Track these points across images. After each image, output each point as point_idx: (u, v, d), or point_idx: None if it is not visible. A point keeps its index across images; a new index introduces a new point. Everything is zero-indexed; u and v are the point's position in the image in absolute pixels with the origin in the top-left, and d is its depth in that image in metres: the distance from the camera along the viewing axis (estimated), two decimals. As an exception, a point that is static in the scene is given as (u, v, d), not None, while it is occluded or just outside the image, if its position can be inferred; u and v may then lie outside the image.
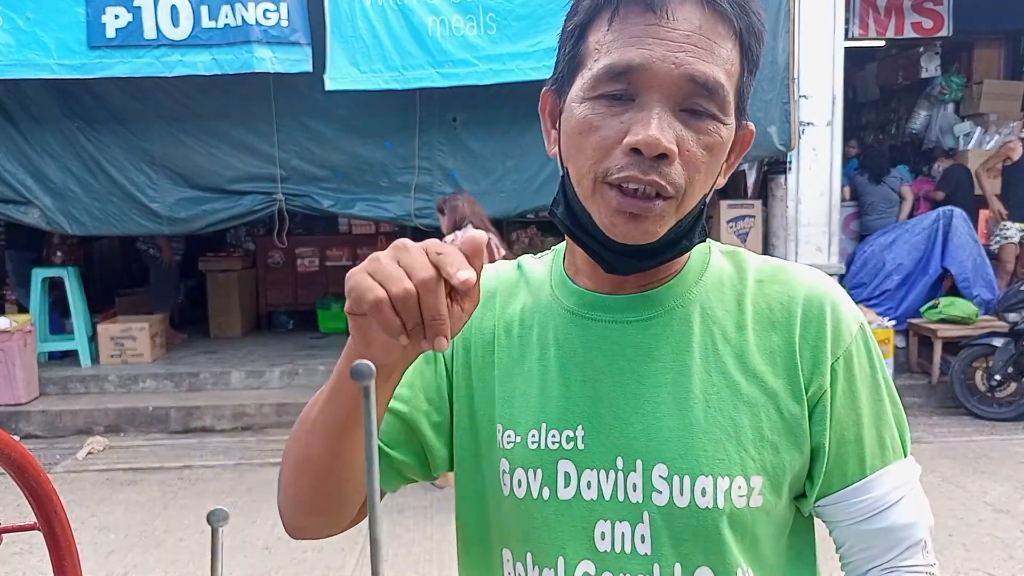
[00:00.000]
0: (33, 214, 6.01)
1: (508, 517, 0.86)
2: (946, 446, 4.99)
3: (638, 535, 0.81)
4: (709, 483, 0.79)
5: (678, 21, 0.73)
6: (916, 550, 0.85)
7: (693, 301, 0.84)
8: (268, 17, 5.31)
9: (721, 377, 0.82)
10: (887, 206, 7.60)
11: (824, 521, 0.88)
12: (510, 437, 0.85)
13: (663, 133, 0.72)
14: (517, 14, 5.43)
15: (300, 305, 8.36)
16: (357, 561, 3.57)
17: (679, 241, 0.80)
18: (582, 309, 0.86)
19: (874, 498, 0.83)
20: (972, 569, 3.38)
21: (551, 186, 5.99)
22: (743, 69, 0.77)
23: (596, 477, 0.82)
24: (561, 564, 0.83)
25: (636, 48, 0.73)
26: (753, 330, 0.83)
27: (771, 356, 0.82)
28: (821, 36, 6.10)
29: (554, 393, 0.85)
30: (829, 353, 0.81)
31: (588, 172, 0.77)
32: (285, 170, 5.99)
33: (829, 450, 0.82)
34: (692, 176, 0.75)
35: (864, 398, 0.83)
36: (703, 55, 0.73)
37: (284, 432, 5.61)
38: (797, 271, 0.87)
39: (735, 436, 0.80)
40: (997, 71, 8.79)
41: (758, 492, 0.80)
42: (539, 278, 0.92)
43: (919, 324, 6.15)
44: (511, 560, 0.87)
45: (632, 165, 0.73)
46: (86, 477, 4.79)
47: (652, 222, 0.76)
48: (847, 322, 0.83)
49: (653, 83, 0.73)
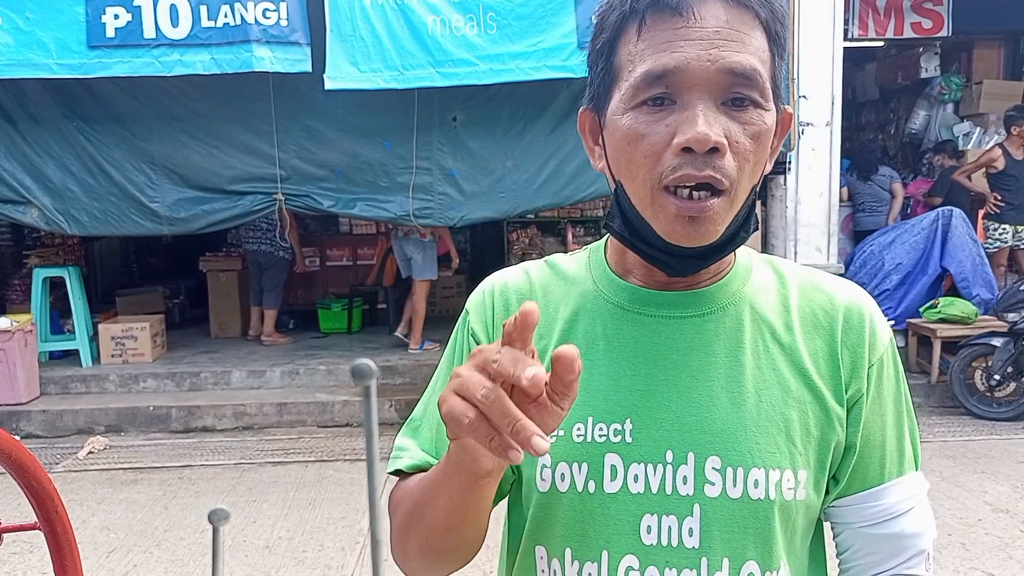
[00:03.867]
0: (32, 214, 6.01)
1: (546, 513, 0.86)
2: (945, 446, 5.00)
3: (686, 528, 0.81)
4: (762, 475, 0.81)
5: (705, 19, 0.75)
6: (919, 560, 0.87)
7: (743, 300, 0.87)
8: (267, 17, 5.31)
9: (772, 373, 0.84)
10: (877, 204, 7.63)
11: (832, 523, 0.90)
12: None
13: (711, 128, 0.74)
14: (517, 14, 5.43)
15: (300, 305, 8.36)
16: (358, 560, 3.57)
17: (737, 234, 0.82)
18: (633, 304, 0.87)
19: (887, 504, 0.85)
20: (972, 569, 3.38)
21: (551, 186, 6.00)
22: (773, 55, 0.79)
23: (643, 470, 0.82)
24: (605, 558, 0.83)
25: (670, 52, 0.75)
26: (800, 331, 0.86)
27: (816, 357, 0.85)
28: (821, 36, 6.10)
29: (601, 386, 0.85)
30: (867, 359, 0.85)
31: (644, 181, 0.78)
32: (285, 170, 5.99)
33: (858, 452, 0.85)
34: (742, 167, 0.77)
35: (889, 407, 0.87)
36: (735, 47, 0.75)
37: (284, 431, 5.62)
38: (833, 280, 0.91)
39: (785, 430, 0.82)
40: (997, 71, 8.80)
41: (803, 486, 0.82)
42: (577, 275, 0.93)
43: (918, 324, 6.16)
44: (545, 557, 0.87)
45: (685, 164, 0.75)
46: (87, 477, 4.79)
47: (711, 222, 0.77)
48: (881, 333, 0.87)
49: (692, 82, 0.75)
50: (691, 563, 0.81)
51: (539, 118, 5.89)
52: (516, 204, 6.13)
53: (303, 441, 5.41)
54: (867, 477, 0.86)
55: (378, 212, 6.19)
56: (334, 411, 5.78)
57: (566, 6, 5.40)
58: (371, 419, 0.44)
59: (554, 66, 5.41)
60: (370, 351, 6.93)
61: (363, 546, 3.70)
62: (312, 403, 5.80)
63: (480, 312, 0.94)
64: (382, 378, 6.19)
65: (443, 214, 6.12)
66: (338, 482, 4.58)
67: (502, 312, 0.92)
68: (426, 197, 6.05)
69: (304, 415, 5.77)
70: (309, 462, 4.96)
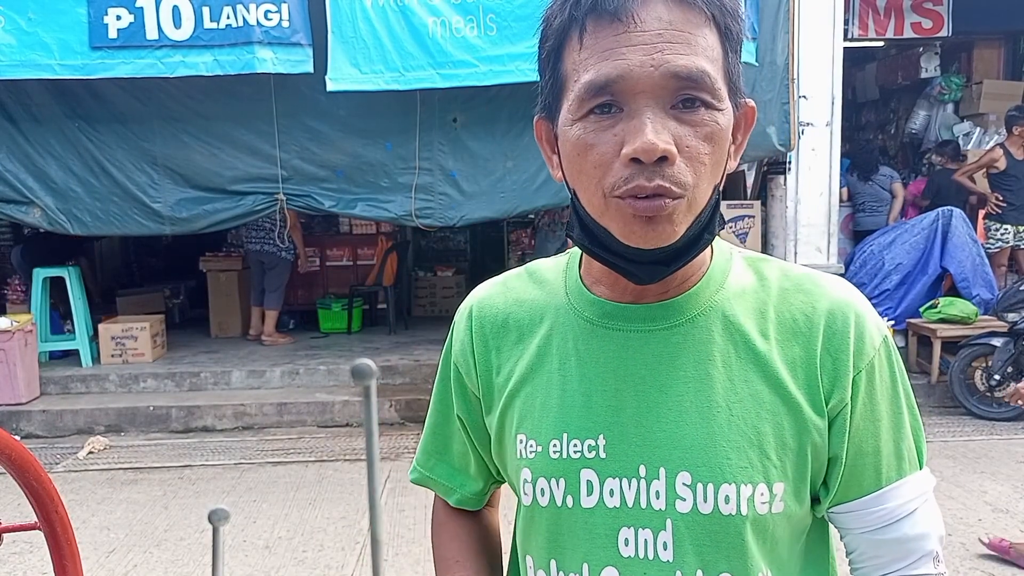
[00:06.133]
0: (35, 214, 6.02)
1: (531, 525, 0.88)
2: (945, 446, 5.00)
3: (660, 542, 0.81)
4: (732, 491, 0.79)
5: (647, 23, 0.72)
6: (927, 560, 0.85)
7: (715, 309, 0.84)
8: (269, 18, 5.32)
9: (744, 385, 0.82)
10: (878, 204, 7.64)
11: (836, 527, 0.89)
12: (532, 447, 0.87)
13: (658, 136, 0.72)
14: (517, 15, 5.43)
15: (300, 305, 8.36)
16: (358, 560, 3.57)
17: (700, 236, 0.79)
18: (602, 319, 0.86)
19: (888, 509, 0.84)
20: (971, 569, 3.39)
21: (551, 186, 6.00)
22: (726, 50, 0.76)
23: (619, 485, 0.82)
24: (586, 570, 0.84)
25: (612, 60, 0.73)
26: (776, 339, 0.83)
27: (793, 366, 0.82)
28: (821, 36, 6.11)
29: (575, 403, 0.85)
30: (851, 366, 0.81)
31: (596, 190, 0.76)
32: (286, 170, 5.99)
33: (846, 461, 0.83)
34: (697, 170, 0.74)
35: (884, 410, 0.84)
36: (680, 48, 0.72)
37: (285, 431, 5.62)
38: (822, 280, 0.86)
39: (758, 444, 0.80)
40: (997, 71, 8.80)
41: (780, 499, 0.81)
42: (553, 285, 0.92)
43: (918, 324, 6.16)
44: (532, 567, 0.89)
45: (636, 175, 0.73)
46: (87, 476, 4.80)
47: (668, 222, 0.75)
48: (870, 335, 0.83)
49: (636, 89, 0.73)
50: (667, 575, 0.81)
51: (539, 118, 5.89)
52: (516, 204, 6.14)
53: (303, 441, 5.42)
54: (863, 484, 0.84)
55: (379, 212, 6.20)
56: (334, 411, 5.78)
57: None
58: (371, 419, 0.45)
59: (554, 67, 5.42)
60: (370, 351, 6.93)
61: (363, 546, 3.71)
62: (312, 403, 5.81)
63: (460, 339, 0.96)
64: (382, 378, 6.19)
65: (443, 214, 6.13)
66: (338, 482, 4.58)
67: (480, 338, 0.93)
68: (427, 197, 6.06)
69: (304, 415, 5.77)
70: (309, 462, 4.97)
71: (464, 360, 0.94)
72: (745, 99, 0.81)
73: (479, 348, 0.93)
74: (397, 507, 4.13)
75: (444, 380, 0.99)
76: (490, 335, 0.92)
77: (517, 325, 0.91)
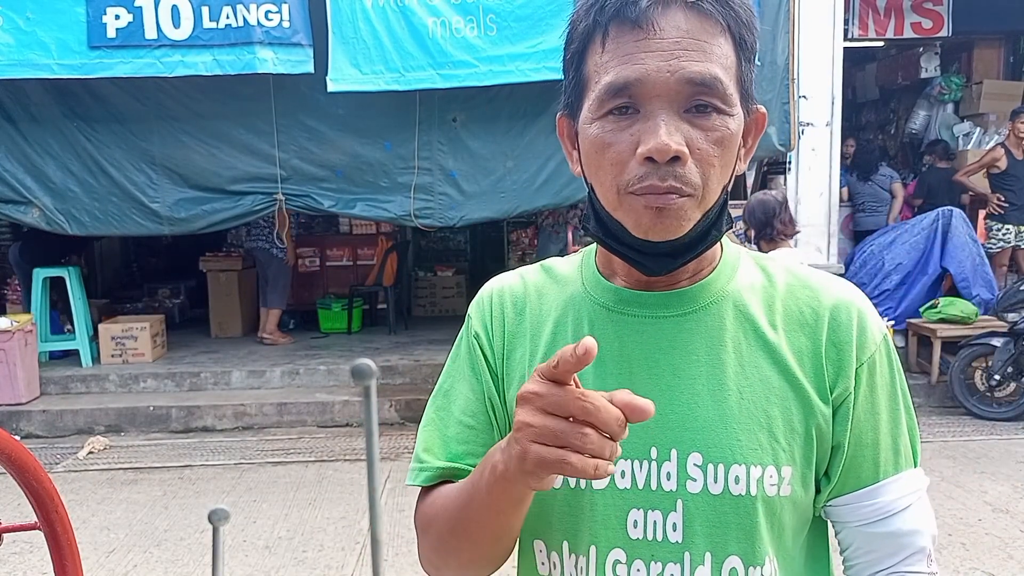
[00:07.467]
0: (33, 214, 6.02)
1: (542, 508, 0.89)
2: (945, 446, 5.00)
3: (670, 523, 0.84)
4: (743, 471, 0.82)
5: (665, 30, 0.77)
6: (919, 557, 0.88)
7: (726, 298, 0.88)
8: (270, 18, 5.32)
9: (754, 371, 0.85)
10: (877, 204, 7.65)
11: (832, 522, 0.91)
12: None
13: (671, 137, 0.76)
14: (517, 15, 5.44)
15: (300, 305, 8.37)
16: (358, 560, 3.57)
17: (708, 232, 0.84)
18: (617, 305, 0.89)
19: (883, 503, 0.86)
20: (971, 569, 3.39)
21: (551, 186, 6.00)
22: (739, 59, 0.81)
23: (630, 466, 0.85)
24: (593, 552, 0.86)
25: (631, 65, 0.78)
26: (784, 330, 0.87)
27: (800, 356, 0.86)
28: (821, 36, 6.11)
29: (588, 385, 0.86)
30: (855, 358, 0.85)
31: (611, 186, 0.81)
32: (285, 170, 5.99)
33: (847, 451, 0.86)
34: (707, 172, 0.79)
35: (883, 405, 0.87)
36: (695, 56, 0.77)
37: (285, 431, 5.62)
38: (826, 279, 0.91)
39: (767, 427, 0.83)
40: (997, 71, 8.80)
41: (788, 482, 0.84)
42: (569, 278, 0.96)
43: (918, 324, 6.16)
44: (544, 551, 0.91)
45: (649, 174, 0.77)
46: (87, 477, 4.80)
47: (677, 216, 0.79)
48: (872, 331, 0.87)
49: (653, 93, 0.77)
50: (675, 557, 0.84)
51: (539, 118, 5.89)
52: (516, 204, 6.14)
53: (303, 441, 5.42)
54: (861, 476, 0.86)
55: (378, 212, 6.20)
56: (334, 411, 5.78)
57: (565, 7, 5.40)
58: (371, 419, 0.45)
59: (554, 67, 5.39)
60: (370, 351, 6.93)
61: (363, 546, 3.71)
62: (312, 403, 5.81)
63: (480, 315, 0.97)
64: (382, 378, 6.19)
65: (443, 214, 6.13)
66: (338, 482, 4.58)
67: (499, 314, 0.96)
68: (426, 197, 6.06)
69: (304, 415, 5.77)
70: (309, 462, 4.97)
71: (485, 333, 0.96)
72: (756, 105, 0.87)
73: (498, 326, 0.95)
74: (397, 507, 4.13)
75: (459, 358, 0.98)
76: (509, 313, 0.95)
77: (534, 310, 0.95)
